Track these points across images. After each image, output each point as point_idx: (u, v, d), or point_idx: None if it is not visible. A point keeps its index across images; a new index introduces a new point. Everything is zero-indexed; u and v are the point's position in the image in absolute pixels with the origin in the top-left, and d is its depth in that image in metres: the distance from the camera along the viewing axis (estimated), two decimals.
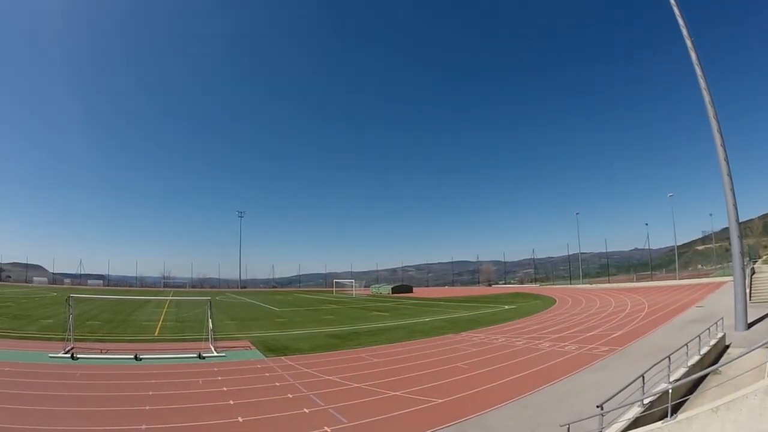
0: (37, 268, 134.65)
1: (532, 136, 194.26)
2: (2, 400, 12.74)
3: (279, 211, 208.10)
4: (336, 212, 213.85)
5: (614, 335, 25.33)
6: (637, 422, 9.78)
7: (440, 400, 13.49)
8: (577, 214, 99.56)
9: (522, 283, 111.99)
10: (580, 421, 9.52)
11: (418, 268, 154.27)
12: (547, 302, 51.52)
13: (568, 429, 9.02)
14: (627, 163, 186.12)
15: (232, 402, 13.11)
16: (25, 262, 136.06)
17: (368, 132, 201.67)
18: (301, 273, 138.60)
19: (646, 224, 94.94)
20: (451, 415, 12.02)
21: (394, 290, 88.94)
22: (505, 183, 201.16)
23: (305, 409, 12.43)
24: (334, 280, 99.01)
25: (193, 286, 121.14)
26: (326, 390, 14.60)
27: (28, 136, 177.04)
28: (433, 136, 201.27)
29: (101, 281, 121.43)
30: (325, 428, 10.93)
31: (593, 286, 77.29)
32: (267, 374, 16.82)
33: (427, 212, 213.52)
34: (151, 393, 14.00)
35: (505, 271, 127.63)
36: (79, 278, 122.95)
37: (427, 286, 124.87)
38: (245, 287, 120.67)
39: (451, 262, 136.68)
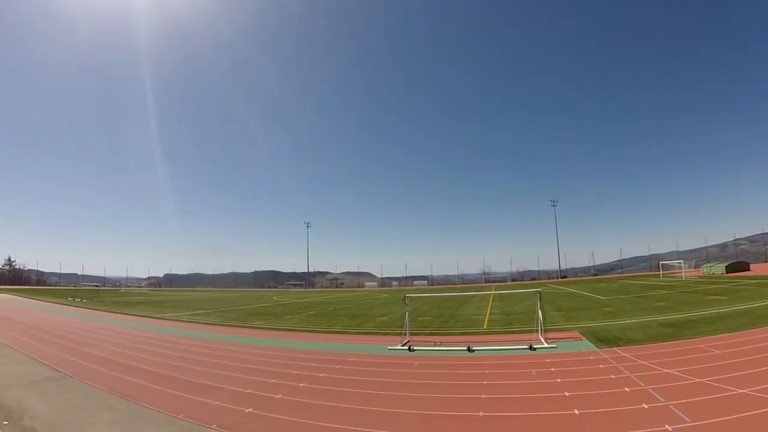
0: (367, 275, 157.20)
1: None
2: (354, 386, 15.30)
3: (597, 195, 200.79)
4: (657, 184, 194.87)
5: None
6: None
7: None
8: None
9: None
10: None
11: (751, 240, 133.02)
12: None
13: None
14: None
15: (567, 393, 13.03)
16: (356, 270, 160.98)
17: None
18: (622, 257, 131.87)
19: None
20: None
21: (728, 269, 77.35)
22: None
23: (644, 405, 11.60)
24: (660, 262, 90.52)
25: (513, 280, 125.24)
26: (665, 384, 13.36)
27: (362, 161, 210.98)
28: None
29: (425, 281, 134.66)
30: (666, 426, 9.98)
31: None
32: (601, 366, 16.22)
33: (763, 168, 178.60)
34: (485, 382, 14.85)
35: None
36: (405, 280, 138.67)
37: (766, 261, 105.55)
38: (565, 277, 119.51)
39: None
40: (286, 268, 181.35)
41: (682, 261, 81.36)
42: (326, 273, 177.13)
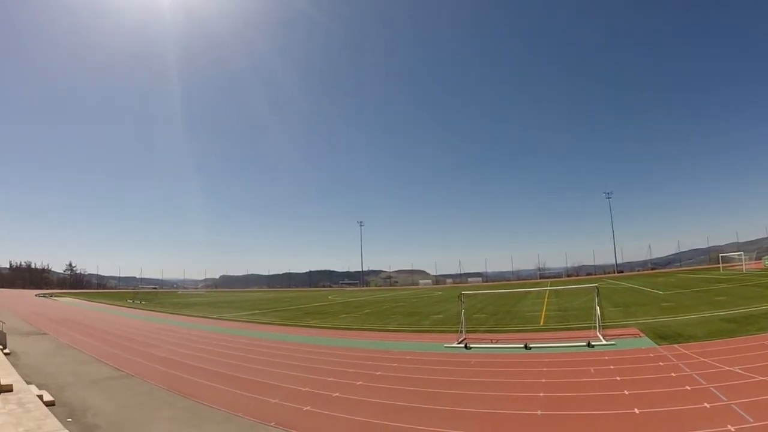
0: (420, 272, 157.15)
1: None
2: (411, 384, 15.42)
3: (653, 186, 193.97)
4: (716, 173, 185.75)
5: None
6: None
7: None
8: None
9: None
10: None
11: None
12: None
13: None
14: None
15: (626, 392, 12.76)
16: (410, 268, 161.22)
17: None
18: (680, 250, 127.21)
19: None
20: None
21: None
22: None
23: (705, 404, 11.19)
24: (720, 255, 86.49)
25: (569, 275, 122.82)
26: (727, 383, 12.84)
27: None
28: None
29: (480, 278, 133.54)
30: (729, 427, 9.60)
31: None
32: (661, 363, 15.77)
33: None
34: (543, 380, 14.71)
35: None
36: (459, 277, 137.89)
37: None
38: (621, 271, 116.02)
39: None
40: (340, 267, 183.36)
41: (742, 253, 77.76)
42: (380, 272, 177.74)
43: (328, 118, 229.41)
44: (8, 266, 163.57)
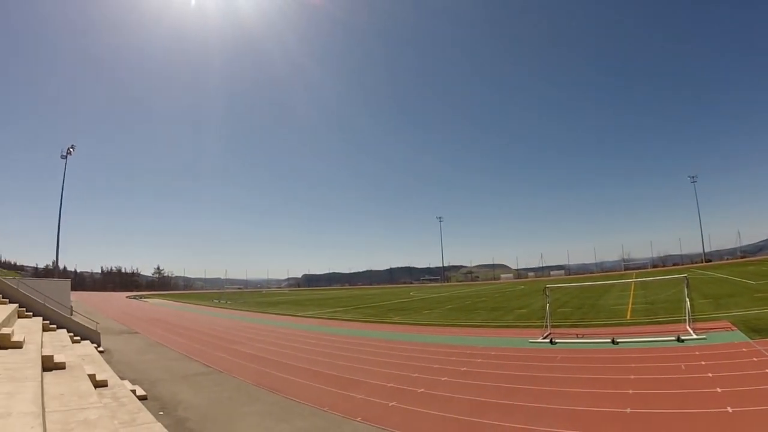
0: (501, 267, 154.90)
1: None
2: (496, 380, 15.35)
3: (741, 168, 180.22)
4: None
5: None
6: None
7: None
8: None
9: None
10: None
11: None
12: None
13: None
14: None
15: (719, 390, 12.18)
16: (491, 262, 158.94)
17: None
18: None
19: None
20: None
21: None
22: None
23: None
24: None
25: (654, 266, 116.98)
26: None
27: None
28: None
29: (562, 271, 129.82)
30: None
31: None
32: (755, 359, 14.89)
33: None
34: (632, 377, 14.32)
35: None
36: (541, 271, 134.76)
37: None
38: (710, 260, 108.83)
39: None
40: (420, 263, 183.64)
41: None
42: (460, 267, 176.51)
43: (408, 118, 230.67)
44: (100, 271, 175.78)
